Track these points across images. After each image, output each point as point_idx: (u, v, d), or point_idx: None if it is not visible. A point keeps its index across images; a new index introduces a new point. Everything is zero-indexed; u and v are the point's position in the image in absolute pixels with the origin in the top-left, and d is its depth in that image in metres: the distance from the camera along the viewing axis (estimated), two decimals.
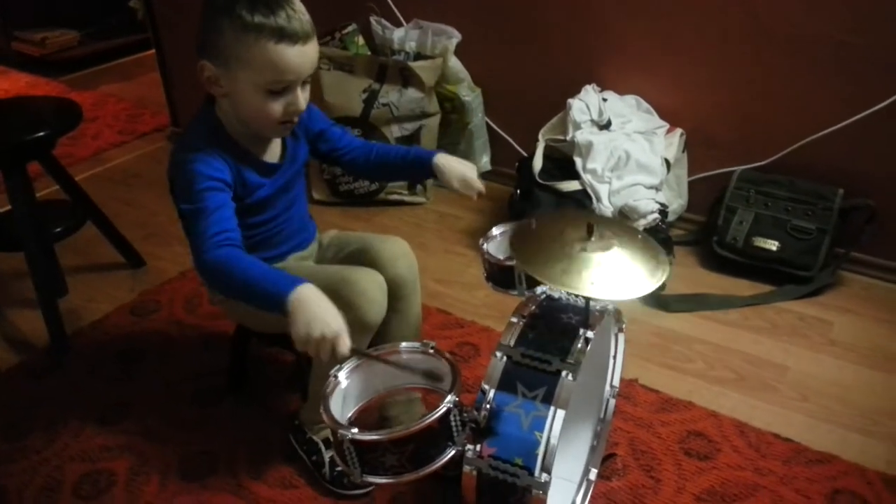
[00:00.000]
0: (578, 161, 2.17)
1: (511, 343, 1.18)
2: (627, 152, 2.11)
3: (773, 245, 2.09)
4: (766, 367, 1.83)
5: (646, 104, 2.28)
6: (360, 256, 1.53)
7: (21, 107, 2.15)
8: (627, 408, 1.68)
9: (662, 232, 2.08)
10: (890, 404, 1.71)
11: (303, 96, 1.33)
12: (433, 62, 2.45)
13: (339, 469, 1.47)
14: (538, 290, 1.31)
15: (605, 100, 2.24)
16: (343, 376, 1.16)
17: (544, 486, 1.07)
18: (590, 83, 2.29)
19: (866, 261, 2.13)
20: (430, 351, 1.18)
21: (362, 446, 1.05)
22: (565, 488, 1.39)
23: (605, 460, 1.51)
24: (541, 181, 2.18)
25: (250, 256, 1.26)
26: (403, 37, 2.52)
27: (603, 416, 1.48)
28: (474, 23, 2.47)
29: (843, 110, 2.01)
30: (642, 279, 1.11)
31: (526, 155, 2.38)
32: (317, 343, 1.12)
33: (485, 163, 2.62)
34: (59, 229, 2.09)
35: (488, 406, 1.12)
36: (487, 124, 2.60)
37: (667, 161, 2.16)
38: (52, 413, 1.71)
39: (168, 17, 2.92)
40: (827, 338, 1.92)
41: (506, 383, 1.14)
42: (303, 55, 1.27)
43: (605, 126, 2.20)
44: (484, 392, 1.13)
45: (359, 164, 1.59)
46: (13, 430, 1.66)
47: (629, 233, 1.22)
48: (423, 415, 1.05)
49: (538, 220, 1.28)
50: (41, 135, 1.87)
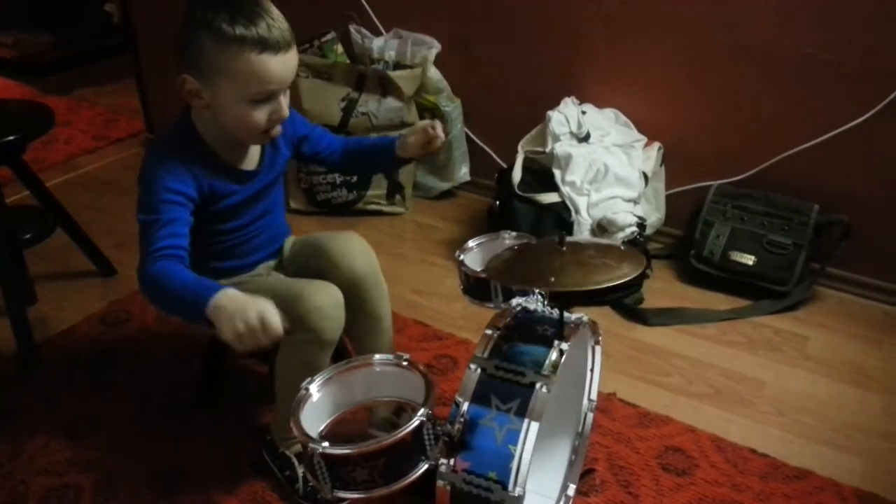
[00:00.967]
0: (557, 173, 2.16)
1: (485, 355, 1.16)
2: (606, 165, 2.12)
3: (749, 259, 2.09)
4: (742, 381, 1.83)
5: (624, 118, 2.28)
6: (316, 257, 1.51)
7: None
8: (605, 422, 1.67)
9: (640, 245, 2.08)
10: (863, 420, 1.71)
11: (285, 103, 1.33)
12: (412, 72, 2.44)
13: (311, 484, 1.44)
14: (513, 302, 1.30)
15: (584, 112, 2.24)
16: (315, 389, 1.14)
17: (518, 500, 1.06)
18: (569, 96, 2.29)
19: (841, 276, 2.14)
20: (404, 363, 1.17)
21: (332, 460, 1.03)
22: None
23: (584, 476, 1.50)
24: (520, 193, 2.18)
25: (184, 269, 1.23)
26: (383, 46, 2.51)
27: (581, 430, 1.46)
28: (454, 34, 2.46)
29: (818, 127, 2.03)
30: (609, 276, 1.11)
31: (505, 166, 2.38)
32: (247, 335, 1.09)
33: (464, 174, 2.61)
34: (28, 236, 2.06)
35: (462, 419, 1.11)
36: (467, 135, 2.59)
37: (644, 174, 2.17)
38: (18, 425, 1.67)
39: (144, 21, 2.89)
40: (802, 353, 1.93)
41: (480, 396, 1.12)
42: (285, 63, 1.27)
43: (584, 139, 2.20)
44: (458, 405, 1.12)
45: (340, 162, 1.61)
46: None
47: (608, 246, 1.22)
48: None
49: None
50: (11, 139, 1.83)
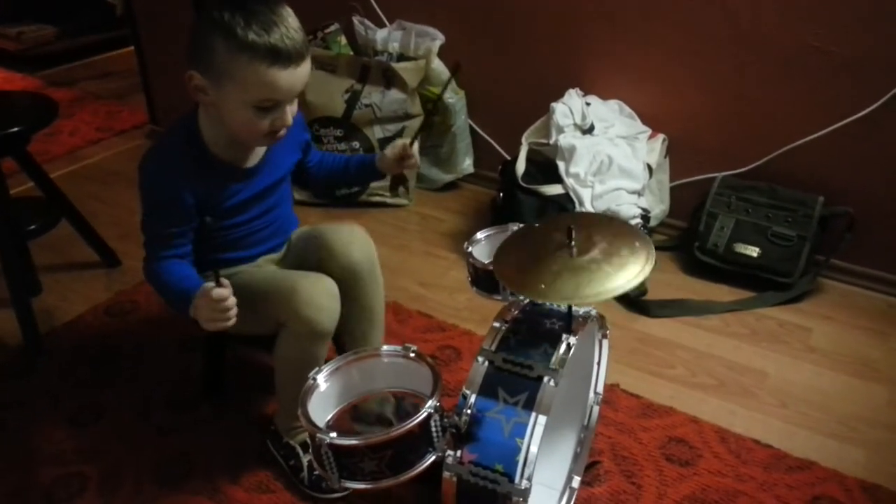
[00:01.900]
0: (561, 165, 2.16)
1: (493, 348, 1.17)
2: (610, 157, 2.11)
3: (753, 251, 2.09)
4: (746, 373, 1.83)
5: (628, 109, 2.28)
6: (316, 247, 1.52)
7: None
8: (609, 413, 1.67)
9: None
10: (867, 411, 1.72)
11: (290, 111, 1.31)
12: (416, 63, 2.43)
13: (316, 473, 1.45)
14: (521, 294, 1.30)
15: (588, 104, 2.23)
16: (322, 379, 1.15)
17: (524, 493, 1.06)
18: (573, 87, 2.28)
19: (845, 268, 2.14)
20: (412, 355, 1.17)
21: (340, 451, 1.04)
22: (548, 496, 1.38)
23: (589, 468, 1.50)
24: (524, 184, 2.18)
25: (183, 268, 1.35)
26: (386, 38, 2.51)
27: (587, 423, 1.47)
28: (458, 25, 2.46)
29: (823, 118, 2.03)
30: (601, 289, 1.11)
31: (509, 158, 2.37)
32: (216, 314, 1.21)
33: (467, 165, 2.61)
34: (33, 227, 2.06)
35: (469, 411, 1.11)
36: (470, 127, 2.58)
37: (649, 166, 2.16)
38: (23, 415, 1.67)
39: (147, 13, 2.88)
40: (806, 344, 1.93)
41: (487, 388, 1.12)
42: (294, 76, 1.25)
43: (588, 130, 2.20)
44: (465, 397, 1.12)
45: (316, 177, 1.62)
46: None
47: (620, 242, 1.21)
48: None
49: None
50: (16, 130, 1.83)
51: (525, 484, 1.06)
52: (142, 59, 3.00)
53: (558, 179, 2.16)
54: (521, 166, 2.22)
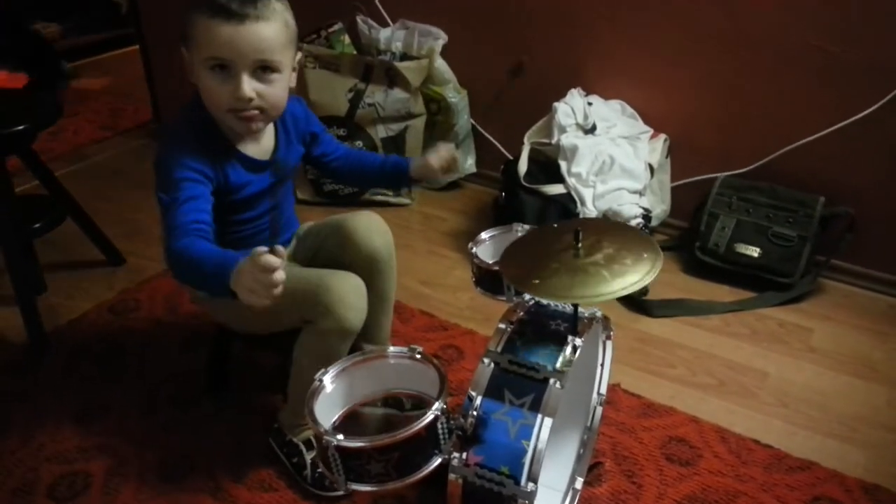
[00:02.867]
0: (563, 165, 2.17)
1: (498, 349, 1.17)
2: (612, 157, 2.12)
3: (754, 251, 2.10)
4: (746, 373, 1.84)
5: (630, 109, 2.29)
6: (336, 237, 1.53)
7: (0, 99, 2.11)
8: (610, 412, 1.68)
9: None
10: (868, 411, 1.73)
11: (251, 86, 1.26)
12: (419, 63, 2.44)
13: (319, 471, 1.46)
14: (526, 296, 1.31)
15: (590, 104, 2.24)
16: (328, 380, 1.15)
17: (530, 495, 1.07)
18: (575, 87, 2.29)
19: (846, 268, 2.15)
20: (418, 356, 1.18)
21: (347, 453, 1.04)
22: (551, 497, 1.39)
23: (591, 469, 1.51)
24: (526, 184, 2.18)
25: (207, 243, 1.22)
26: (390, 37, 2.51)
27: (590, 424, 1.48)
28: (461, 24, 2.46)
29: (824, 119, 2.03)
30: (595, 291, 1.11)
31: (511, 158, 2.38)
32: (259, 287, 1.06)
33: (469, 165, 2.62)
34: (38, 225, 2.06)
35: (475, 413, 1.11)
36: (473, 126, 2.59)
37: (650, 166, 2.17)
38: (28, 413, 1.68)
39: (152, 12, 2.89)
40: (807, 344, 1.94)
41: (493, 390, 1.13)
42: (237, 34, 1.22)
43: (590, 130, 2.20)
44: (471, 399, 1.13)
45: (342, 171, 1.61)
46: None
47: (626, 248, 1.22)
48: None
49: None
50: (20, 128, 1.83)
51: (531, 486, 1.06)
52: (146, 57, 3.00)
53: (560, 179, 2.16)
54: (523, 166, 2.23)
